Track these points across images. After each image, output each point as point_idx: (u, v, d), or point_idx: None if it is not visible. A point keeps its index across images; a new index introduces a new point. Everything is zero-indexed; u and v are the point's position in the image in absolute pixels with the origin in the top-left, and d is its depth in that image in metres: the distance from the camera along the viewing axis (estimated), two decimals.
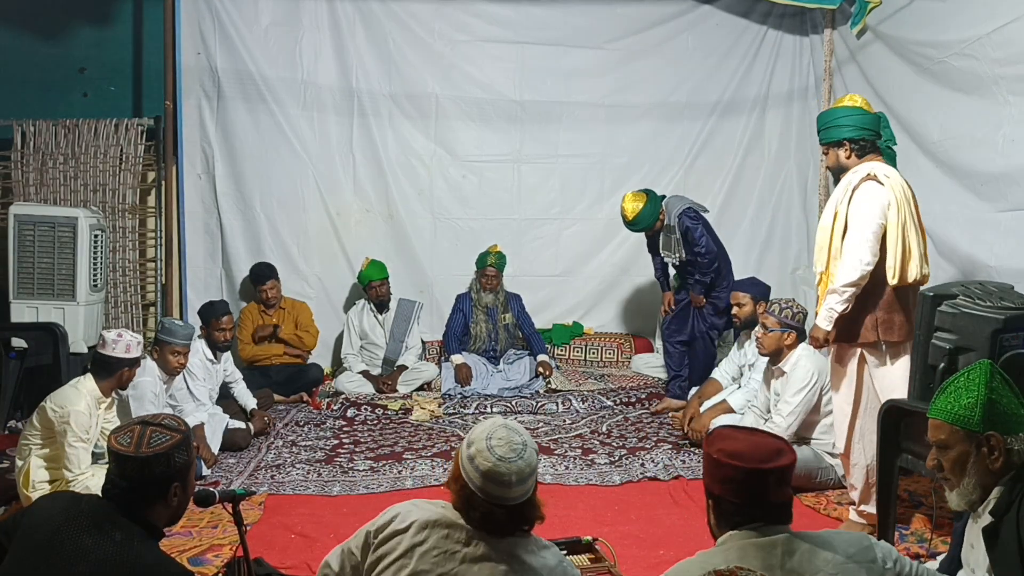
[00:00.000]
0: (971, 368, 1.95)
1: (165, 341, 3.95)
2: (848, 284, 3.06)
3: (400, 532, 1.82)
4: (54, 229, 4.96)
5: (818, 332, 3.17)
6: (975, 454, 1.90)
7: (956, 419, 1.91)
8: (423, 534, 1.80)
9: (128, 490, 1.86)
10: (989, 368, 1.92)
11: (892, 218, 3.04)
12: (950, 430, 1.93)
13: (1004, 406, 1.89)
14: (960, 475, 1.93)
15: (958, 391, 1.92)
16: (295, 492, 3.78)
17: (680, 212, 5.04)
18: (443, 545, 1.78)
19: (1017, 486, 1.87)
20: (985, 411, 1.87)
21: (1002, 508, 1.87)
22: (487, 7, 5.97)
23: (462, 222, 6.12)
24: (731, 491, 1.74)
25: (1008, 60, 3.83)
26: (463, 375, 5.49)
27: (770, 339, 3.91)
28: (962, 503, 1.96)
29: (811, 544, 1.70)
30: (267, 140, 5.81)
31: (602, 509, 3.57)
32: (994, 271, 3.86)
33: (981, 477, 1.90)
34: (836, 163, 3.25)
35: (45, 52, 5.71)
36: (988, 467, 1.89)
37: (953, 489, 1.96)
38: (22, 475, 3.33)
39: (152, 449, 1.87)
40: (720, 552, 1.72)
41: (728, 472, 1.73)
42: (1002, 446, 1.87)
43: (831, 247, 3.14)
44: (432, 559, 1.76)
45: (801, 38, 6.10)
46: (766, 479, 1.71)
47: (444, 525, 1.81)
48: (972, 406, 1.89)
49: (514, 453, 1.78)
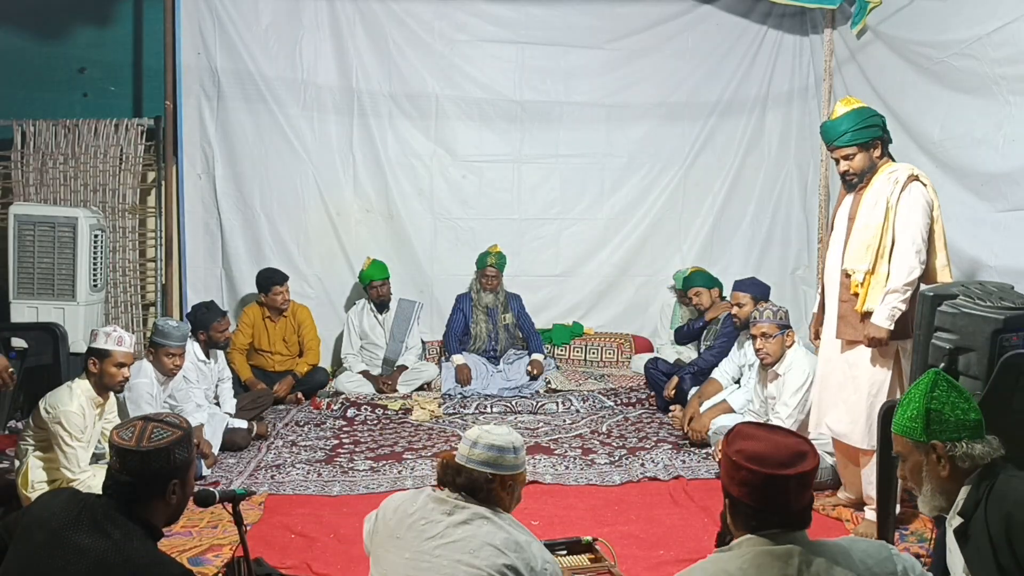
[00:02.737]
0: (919, 381, 2.03)
1: (160, 344, 3.91)
2: (908, 283, 3.11)
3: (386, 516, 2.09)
4: (54, 229, 4.96)
5: (880, 332, 3.14)
6: (925, 462, 1.98)
7: (904, 431, 2.00)
8: (409, 505, 2.06)
9: (128, 485, 1.86)
10: (933, 378, 1.99)
11: (936, 217, 3.16)
12: (902, 442, 2.02)
13: (946, 414, 1.95)
14: (919, 483, 2.01)
15: (907, 404, 2.01)
16: (295, 492, 3.78)
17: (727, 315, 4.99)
18: (429, 516, 2.01)
19: (983, 484, 1.91)
20: (925, 421, 1.95)
21: (970, 508, 1.92)
22: (487, 7, 5.97)
23: (462, 222, 6.12)
24: (748, 494, 1.65)
25: (1008, 60, 3.83)
26: (463, 376, 5.48)
27: (774, 345, 3.89)
28: (927, 509, 2.04)
29: (830, 557, 1.62)
30: (267, 140, 5.81)
31: (602, 509, 3.57)
32: (994, 271, 3.86)
33: (936, 484, 1.97)
34: (866, 163, 3.25)
35: (45, 52, 5.71)
36: (938, 474, 1.96)
37: (919, 496, 2.03)
38: (21, 475, 3.33)
39: (153, 444, 1.87)
40: (735, 558, 1.65)
41: (746, 476, 1.64)
42: (945, 453, 1.93)
43: (880, 246, 3.15)
44: (420, 527, 1.99)
45: (801, 38, 6.10)
46: (786, 484, 1.62)
47: (433, 499, 2.05)
48: (915, 417, 1.97)
49: (502, 429, 2.11)
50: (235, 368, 5.22)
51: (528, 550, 1.96)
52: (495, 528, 1.97)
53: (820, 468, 3.68)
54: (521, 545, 1.96)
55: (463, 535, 1.95)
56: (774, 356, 3.90)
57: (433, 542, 1.95)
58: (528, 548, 1.97)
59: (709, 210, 6.25)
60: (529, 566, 1.94)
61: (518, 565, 1.92)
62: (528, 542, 1.99)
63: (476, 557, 1.90)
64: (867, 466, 3.30)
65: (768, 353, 3.91)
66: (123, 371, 3.39)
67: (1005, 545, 1.82)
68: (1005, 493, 1.87)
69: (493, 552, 1.92)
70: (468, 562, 1.90)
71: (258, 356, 5.47)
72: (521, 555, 1.94)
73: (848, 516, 3.49)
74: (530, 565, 1.94)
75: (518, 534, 2.00)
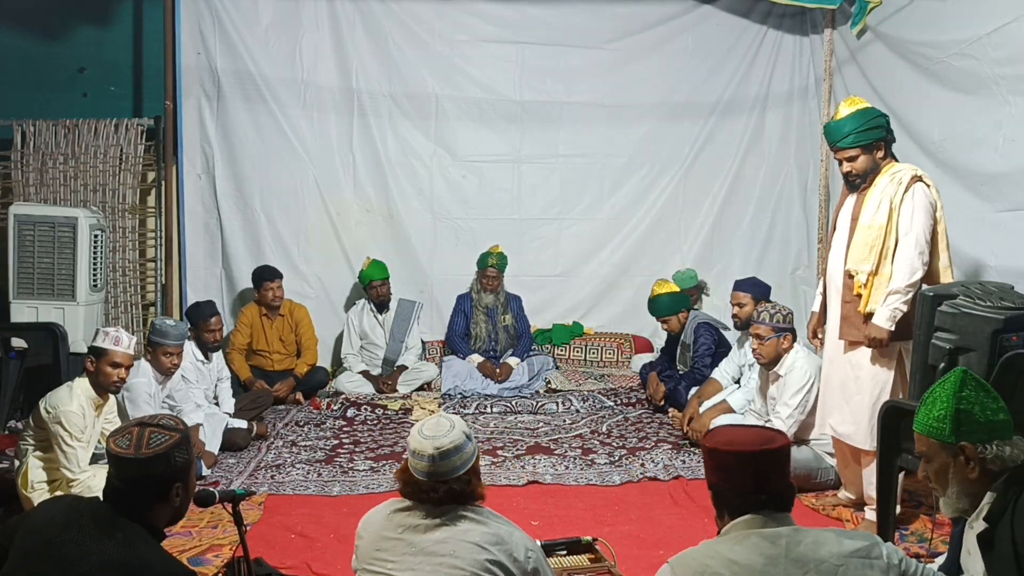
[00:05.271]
0: (945, 378, 1.98)
1: (157, 342, 3.91)
2: (911, 284, 3.10)
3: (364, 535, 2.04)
4: (54, 229, 4.95)
5: (881, 333, 3.14)
6: (953, 464, 1.93)
7: (931, 432, 1.95)
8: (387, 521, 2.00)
9: (128, 492, 1.85)
10: (960, 377, 1.94)
11: (939, 218, 3.16)
12: (927, 442, 1.97)
13: (976, 415, 1.90)
14: (944, 484, 1.96)
15: (933, 403, 1.96)
16: (295, 492, 3.78)
17: (696, 325, 5.03)
18: (405, 522, 1.97)
19: (1011, 491, 1.87)
20: (954, 423, 1.90)
21: (996, 514, 1.87)
22: (487, 7, 5.97)
23: (462, 222, 6.12)
24: (725, 478, 1.78)
25: (1008, 60, 3.83)
26: (488, 370, 5.54)
27: (768, 347, 3.89)
28: (950, 511, 1.99)
29: (815, 537, 1.71)
30: (267, 140, 5.81)
31: (602, 509, 3.57)
32: (994, 271, 3.86)
33: (963, 486, 1.93)
34: (869, 164, 3.24)
35: (45, 52, 5.71)
36: (967, 476, 1.91)
37: (941, 497, 2.00)
38: (21, 475, 3.33)
39: (152, 450, 1.85)
40: (725, 541, 1.73)
41: (720, 459, 1.79)
42: (976, 456, 1.89)
43: (884, 247, 3.15)
44: (398, 535, 1.96)
45: (801, 38, 6.10)
46: (756, 462, 1.74)
47: (404, 508, 2.00)
48: (943, 418, 1.92)
49: (440, 431, 1.98)
50: (234, 368, 5.22)
51: (510, 541, 1.95)
52: (474, 524, 1.96)
53: (820, 468, 3.75)
54: (502, 537, 1.95)
55: (443, 536, 1.93)
56: (767, 358, 3.91)
57: (413, 548, 1.93)
58: (510, 539, 1.96)
59: (709, 210, 6.24)
60: (512, 557, 1.93)
61: (501, 559, 1.91)
62: (509, 532, 1.98)
63: (457, 558, 1.89)
64: (868, 466, 3.30)
65: (761, 354, 3.92)
66: (119, 371, 3.37)
67: None
68: None
69: (474, 549, 1.90)
70: (450, 563, 1.89)
71: (256, 356, 5.47)
72: (503, 547, 1.93)
73: (848, 516, 3.49)
74: (513, 556, 1.93)
75: (498, 526, 1.98)
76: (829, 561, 1.66)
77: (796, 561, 1.66)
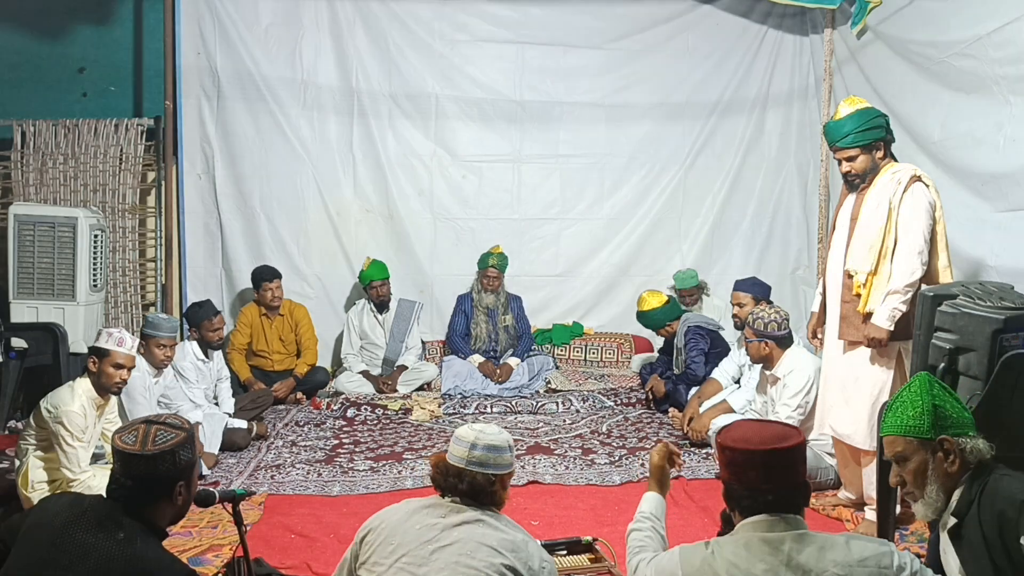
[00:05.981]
0: (910, 383, 2.05)
1: (150, 335, 3.91)
2: (910, 284, 3.11)
3: (378, 527, 2.03)
4: (54, 229, 4.95)
5: (880, 333, 3.15)
6: (932, 460, 1.97)
7: (908, 430, 1.99)
8: (402, 514, 2.02)
9: (133, 489, 1.85)
10: (927, 379, 2.02)
11: (938, 218, 3.16)
12: (904, 442, 2.00)
13: (949, 411, 1.97)
14: (923, 484, 1.99)
15: (904, 405, 2.01)
16: (295, 492, 3.78)
17: (687, 329, 5.03)
18: (423, 520, 1.98)
19: (975, 484, 1.92)
20: (932, 417, 1.96)
21: (964, 507, 1.93)
22: (487, 7, 5.98)
23: (462, 222, 6.12)
24: (734, 474, 1.79)
25: (1008, 60, 3.83)
26: (488, 371, 5.54)
27: (751, 348, 4.02)
28: (929, 512, 2.01)
29: (822, 543, 1.70)
30: (267, 140, 5.81)
31: (602, 509, 3.57)
32: (994, 271, 3.86)
33: (943, 481, 1.97)
34: (869, 164, 3.24)
35: (45, 52, 5.70)
36: (947, 471, 1.96)
37: (918, 500, 2.01)
38: (21, 475, 3.33)
39: (158, 447, 1.87)
40: (730, 542, 1.74)
41: (730, 455, 1.79)
42: (956, 448, 1.94)
43: (883, 247, 3.15)
44: (415, 532, 1.96)
45: (801, 38, 6.10)
46: (765, 460, 1.74)
47: (425, 507, 2.03)
48: (920, 415, 1.97)
49: (489, 430, 2.10)
50: (234, 368, 5.22)
51: (526, 549, 1.97)
52: (491, 529, 1.97)
53: (820, 468, 3.74)
54: (518, 545, 1.96)
55: (459, 537, 1.94)
56: (752, 358, 4.07)
57: (430, 545, 1.94)
58: (526, 547, 1.97)
59: (709, 210, 6.25)
60: (528, 565, 1.94)
61: (516, 565, 1.92)
62: (525, 541, 2.00)
63: (473, 558, 1.90)
64: (868, 466, 3.30)
65: (748, 353, 4.11)
66: (121, 372, 3.36)
67: (998, 542, 1.83)
68: (997, 491, 1.88)
69: (490, 552, 1.91)
70: (466, 563, 1.89)
71: (256, 356, 5.47)
72: (519, 555, 1.94)
73: (848, 516, 3.48)
74: (528, 564, 1.94)
75: (515, 534, 2.00)
76: (831, 570, 1.65)
77: (796, 569, 1.66)
